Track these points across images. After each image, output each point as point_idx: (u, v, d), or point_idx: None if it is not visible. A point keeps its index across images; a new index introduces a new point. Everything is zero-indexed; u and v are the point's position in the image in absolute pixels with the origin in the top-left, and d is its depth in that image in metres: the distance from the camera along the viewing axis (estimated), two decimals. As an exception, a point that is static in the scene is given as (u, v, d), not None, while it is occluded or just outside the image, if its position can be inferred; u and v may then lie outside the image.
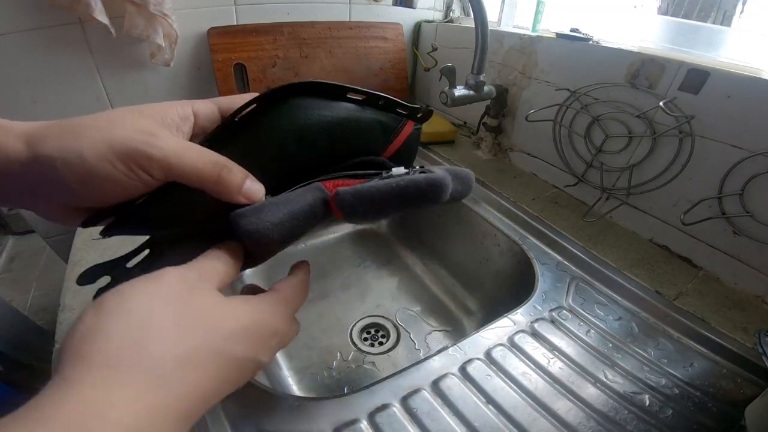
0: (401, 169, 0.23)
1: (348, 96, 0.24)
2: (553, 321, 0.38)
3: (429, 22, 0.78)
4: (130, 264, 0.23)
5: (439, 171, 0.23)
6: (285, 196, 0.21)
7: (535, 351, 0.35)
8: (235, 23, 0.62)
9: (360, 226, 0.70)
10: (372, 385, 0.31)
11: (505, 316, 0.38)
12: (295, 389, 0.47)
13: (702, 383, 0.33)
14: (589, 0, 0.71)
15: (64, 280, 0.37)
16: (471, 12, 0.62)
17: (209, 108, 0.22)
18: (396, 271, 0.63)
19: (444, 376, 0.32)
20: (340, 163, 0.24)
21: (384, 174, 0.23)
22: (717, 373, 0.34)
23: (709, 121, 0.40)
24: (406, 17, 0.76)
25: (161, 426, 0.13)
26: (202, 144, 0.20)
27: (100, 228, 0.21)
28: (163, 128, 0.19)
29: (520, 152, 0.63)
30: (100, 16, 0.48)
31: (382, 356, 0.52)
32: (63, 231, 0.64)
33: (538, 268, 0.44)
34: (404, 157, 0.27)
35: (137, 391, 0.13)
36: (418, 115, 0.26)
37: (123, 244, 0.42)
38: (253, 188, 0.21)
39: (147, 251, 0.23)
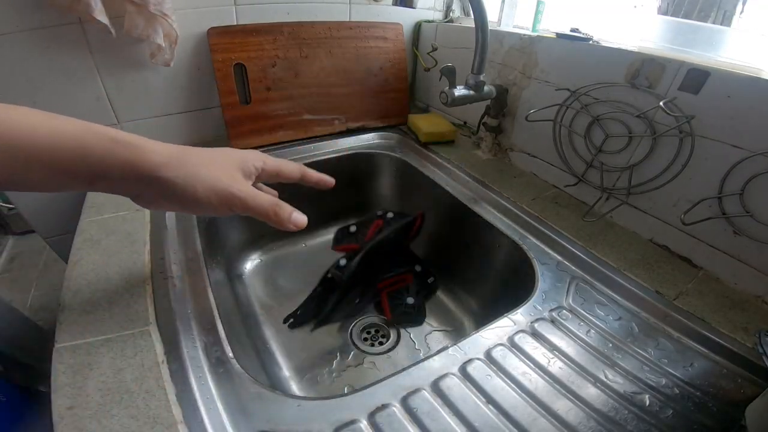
0: (411, 299, 0.55)
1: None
2: (553, 321, 0.38)
3: (429, 22, 0.78)
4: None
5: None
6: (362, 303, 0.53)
7: (535, 351, 0.35)
8: (235, 23, 0.62)
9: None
10: (372, 385, 0.31)
11: (505, 316, 0.38)
12: (295, 389, 0.47)
13: (702, 383, 0.33)
14: (589, 0, 0.71)
15: (64, 280, 0.37)
16: (471, 12, 0.62)
17: (274, 167, 0.33)
18: (396, 271, 0.63)
19: (444, 376, 0.32)
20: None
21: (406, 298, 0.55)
22: (717, 373, 0.34)
23: (709, 121, 0.40)
24: (406, 17, 0.76)
25: None
26: (356, 255, 0.47)
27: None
28: (242, 175, 0.30)
29: (520, 152, 0.63)
30: (100, 16, 0.48)
31: (382, 356, 0.52)
32: (63, 231, 0.64)
33: (538, 268, 0.44)
34: (417, 234, 0.56)
35: None
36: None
37: (122, 246, 0.42)
38: (299, 219, 0.31)
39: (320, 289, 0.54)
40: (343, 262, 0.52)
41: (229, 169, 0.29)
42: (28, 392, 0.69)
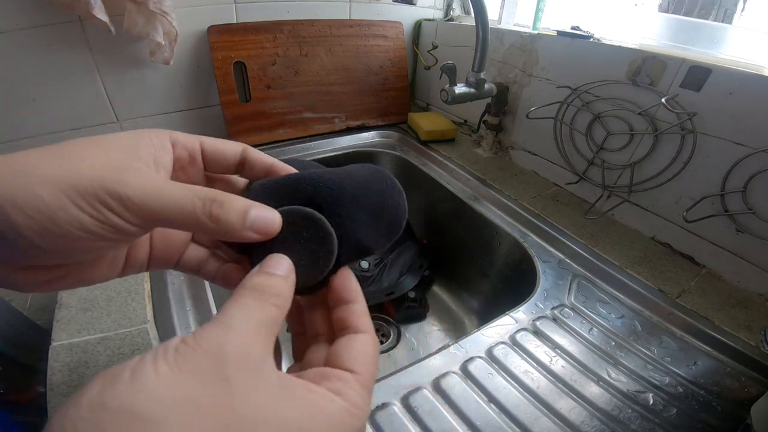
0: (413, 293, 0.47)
1: None
2: (555, 319, 0.37)
3: (429, 20, 0.78)
4: None
5: None
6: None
7: (537, 349, 0.34)
8: (235, 21, 0.62)
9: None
10: (372, 383, 0.31)
11: (507, 314, 0.37)
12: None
13: (706, 382, 0.32)
14: (590, -2, 0.70)
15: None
16: (471, 10, 0.61)
17: (192, 140, 0.18)
18: (396, 270, 0.63)
19: (445, 374, 0.31)
20: None
21: None
22: (721, 371, 0.33)
23: (711, 118, 0.40)
24: (406, 16, 0.76)
25: None
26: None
27: None
28: (135, 161, 0.15)
29: (521, 150, 0.63)
30: (100, 14, 0.48)
31: (382, 355, 0.51)
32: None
33: (540, 266, 0.43)
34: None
35: None
36: None
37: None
38: (262, 217, 0.16)
39: None
40: (365, 265, 0.52)
41: (103, 153, 0.15)
42: (27, 392, 0.68)
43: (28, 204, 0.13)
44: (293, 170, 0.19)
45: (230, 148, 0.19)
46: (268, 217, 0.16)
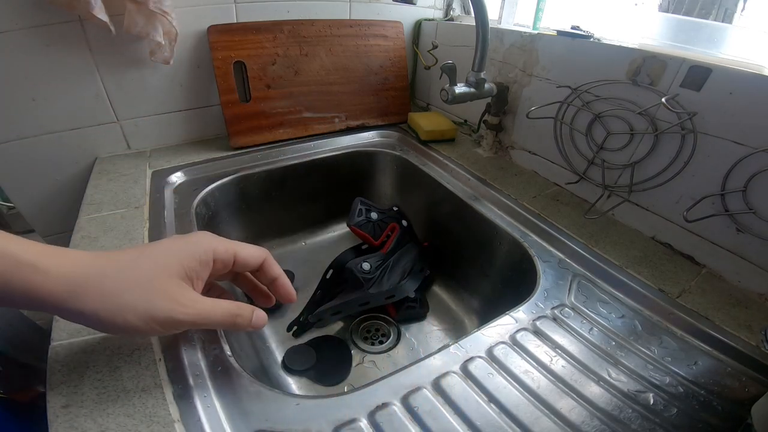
0: (412, 293, 0.55)
1: None
2: (555, 319, 0.37)
3: (429, 20, 0.78)
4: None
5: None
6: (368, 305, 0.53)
7: (538, 349, 0.34)
8: (235, 21, 0.62)
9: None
10: (372, 383, 0.30)
11: (507, 314, 0.37)
12: (294, 388, 0.46)
13: (707, 382, 0.32)
14: (590, -2, 0.71)
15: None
16: (471, 10, 0.61)
17: (229, 254, 0.28)
18: (396, 270, 0.63)
19: (445, 374, 0.31)
20: None
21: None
22: (722, 371, 0.33)
23: (711, 118, 0.40)
24: (406, 15, 0.76)
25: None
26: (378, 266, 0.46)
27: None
28: (186, 285, 0.25)
29: (521, 150, 0.63)
30: (100, 13, 0.48)
31: (382, 355, 0.51)
32: (61, 230, 0.64)
33: (540, 266, 0.43)
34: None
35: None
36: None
37: (120, 243, 0.42)
38: (260, 320, 0.29)
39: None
40: (366, 267, 0.51)
41: (165, 283, 0.24)
42: (27, 392, 0.68)
43: (117, 321, 0.23)
44: (292, 290, 0.33)
45: (255, 259, 0.30)
46: (262, 319, 0.29)
